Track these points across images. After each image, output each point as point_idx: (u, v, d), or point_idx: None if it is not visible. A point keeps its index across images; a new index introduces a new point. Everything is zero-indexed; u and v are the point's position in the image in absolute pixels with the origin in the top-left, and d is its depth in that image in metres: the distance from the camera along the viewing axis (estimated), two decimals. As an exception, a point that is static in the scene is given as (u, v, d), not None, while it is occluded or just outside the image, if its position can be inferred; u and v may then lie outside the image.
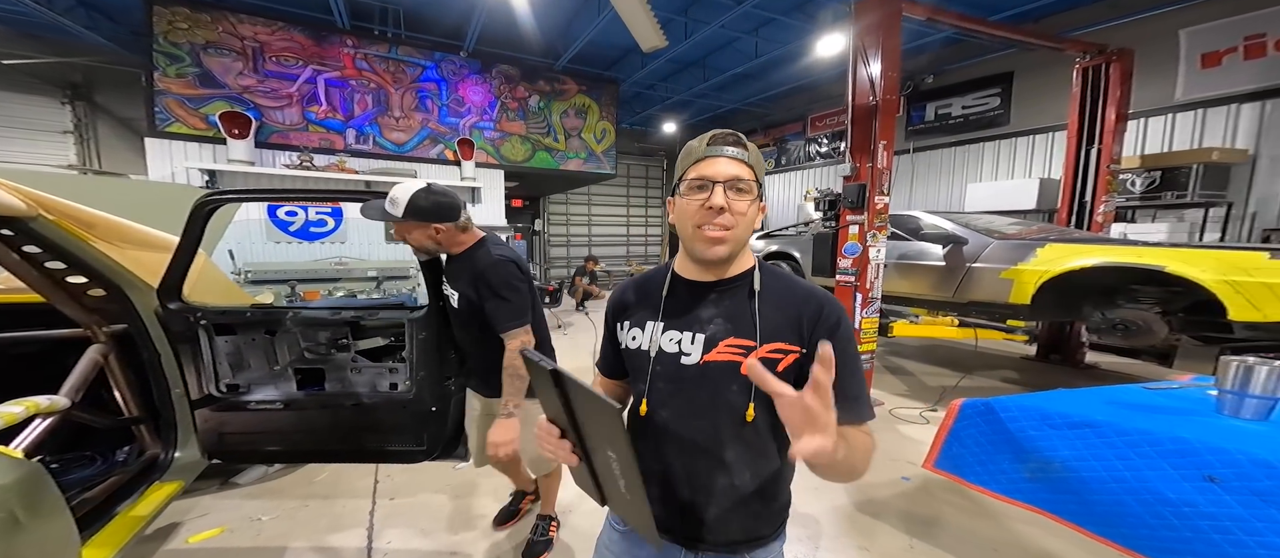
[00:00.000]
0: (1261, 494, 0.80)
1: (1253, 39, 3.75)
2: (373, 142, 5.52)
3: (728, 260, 0.67)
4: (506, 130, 6.18)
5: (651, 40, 4.08)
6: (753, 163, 0.65)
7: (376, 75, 5.47)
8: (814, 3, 4.43)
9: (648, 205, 11.27)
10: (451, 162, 5.89)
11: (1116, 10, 4.21)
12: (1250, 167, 3.82)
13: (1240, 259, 2.06)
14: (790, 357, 0.64)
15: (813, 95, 7.16)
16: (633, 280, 0.80)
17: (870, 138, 2.73)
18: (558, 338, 5.34)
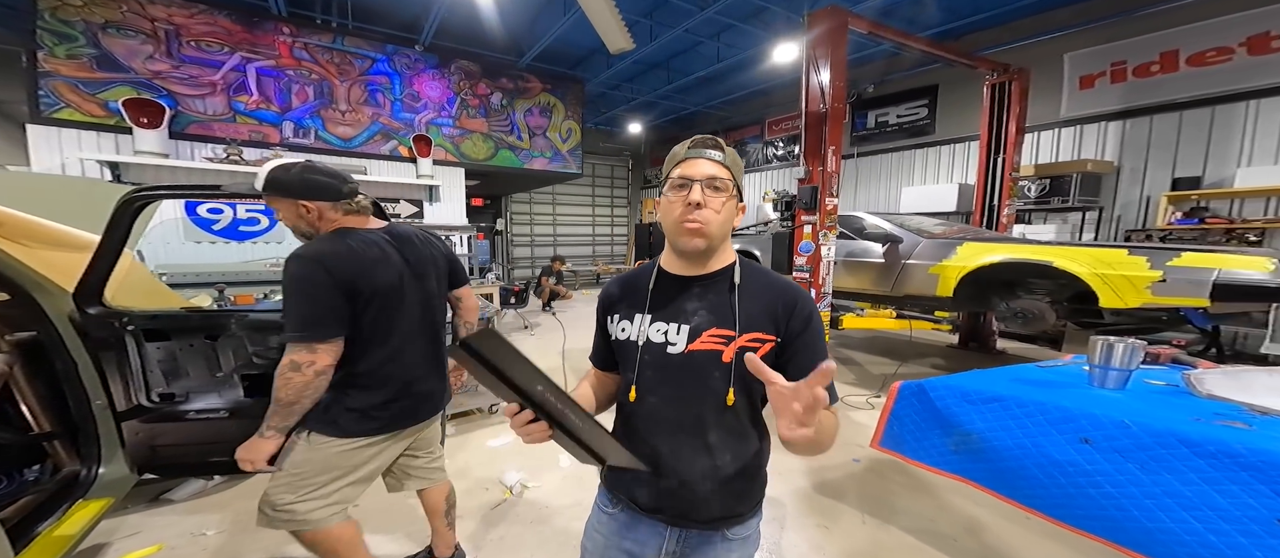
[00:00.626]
0: (1122, 451, 0.97)
1: (1117, 65, 4.47)
2: (315, 135, 5.10)
3: (707, 254, 0.72)
4: (467, 127, 5.95)
5: (618, 42, 4.11)
6: (729, 165, 0.71)
7: (319, 67, 5.05)
8: (770, 12, 4.66)
9: (613, 205, 11.28)
10: (407, 159, 5.58)
11: (1017, 33, 4.82)
12: (1115, 176, 4.58)
13: (1106, 255, 2.49)
14: (767, 345, 0.70)
15: (769, 100, 7.52)
16: (622, 276, 0.85)
17: (821, 143, 2.97)
18: (524, 339, 5.32)
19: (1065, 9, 4.52)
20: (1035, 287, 2.88)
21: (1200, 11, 3.92)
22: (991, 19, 4.70)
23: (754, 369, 0.56)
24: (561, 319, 6.53)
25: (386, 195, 5.31)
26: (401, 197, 5.48)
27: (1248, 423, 0.93)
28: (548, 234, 10.59)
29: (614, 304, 0.81)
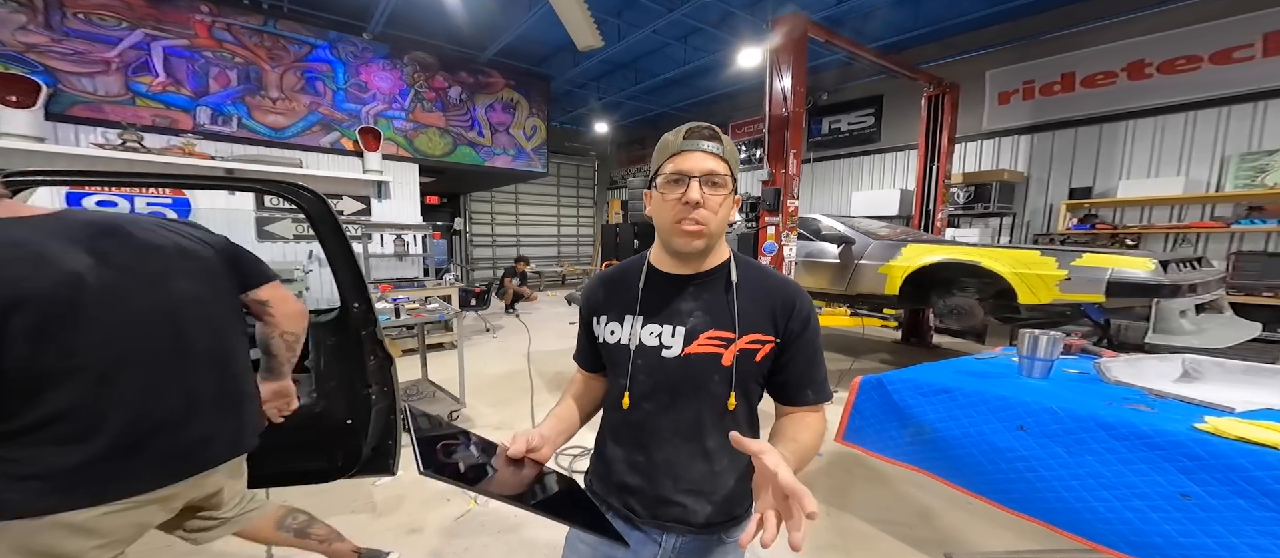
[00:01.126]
0: (1051, 436, 1.06)
1: (1028, 84, 5.06)
2: (238, 124, 4.54)
3: (704, 253, 0.69)
4: (422, 122, 5.57)
5: (587, 39, 4.03)
6: (727, 156, 0.66)
7: (246, 50, 4.50)
8: (736, 17, 4.78)
9: (579, 206, 11.10)
10: (351, 152, 5.13)
11: (951, 49, 5.30)
12: (1026, 185, 5.19)
13: (1023, 256, 2.81)
14: (767, 346, 0.68)
15: (734, 104, 7.73)
16: (606, 273, 0.79)
17: (784, 146, 3.10)
18: (486, 343, 5.11)
19: (990, 28, 5.01)
20: (966, 285, 3.19)
21: (1091, 38, 4.51)
22: (929, 34, 5.10)
23: (738, 445, 0.53)
24: (526, 321, 6.34)
25: (328, 190, 4.86)
26: (345, 192, 5.04)
27: (1150, 406, 1.08)
28: (510, 234, 10.24)
29: (600, 305, 0.77)
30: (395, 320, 2.75)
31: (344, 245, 1.38)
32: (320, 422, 1.39)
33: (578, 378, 0.84)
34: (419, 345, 3.45)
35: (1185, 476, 0.86)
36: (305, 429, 1.37)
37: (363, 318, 1.42)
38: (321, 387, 1.40)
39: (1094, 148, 4.69)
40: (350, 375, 1.43)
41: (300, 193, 1.35)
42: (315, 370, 1.41)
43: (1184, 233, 4.10)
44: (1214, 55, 3.93)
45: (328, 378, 1.40)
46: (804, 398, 0.70)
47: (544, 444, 0.67)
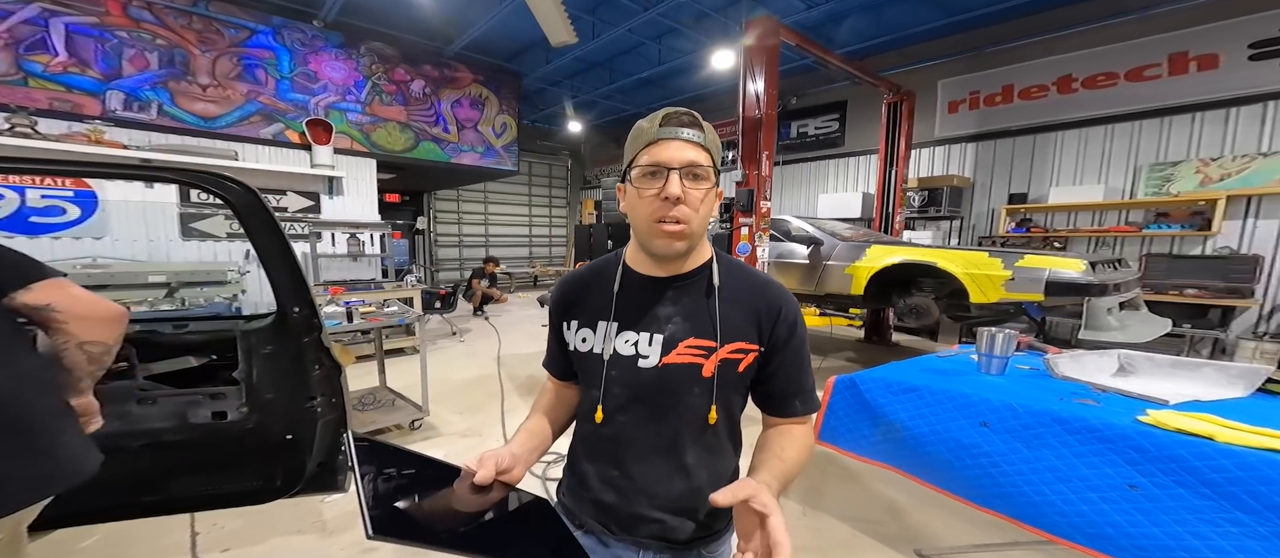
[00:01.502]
0: (1011, 432, 1.12)
1: (974, 94, 5.44)
2: (159, 111, 4.07)
3: (685, 254, 0.64)
4: (381, 115, 5.22)
5: (561, 35, 3.92)
6: (709, 145, 0.61)
7: (170, 31, 4.04)
8: (710, 19, 4.81)
9: (551, 206, 10.87)
10: (298, 145, 4.73)
11: (908, 58, 5.57)
12: (972, 190, 5.58)
13: (974, 257, 3.01)
14: (750, 355, 0.64)
15: (706, 106, 7.80)
16: (578, 273, 0.73)
17: (757, 148, 3.15)
18: (453, 347, 4.87)
19: (942, 40, 5.32)
20: (923, 285, 3.37)
21: (1027, 53, 4.89)
22: (890, 43, 5.35)
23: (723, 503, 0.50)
24: (495, 324, 6.11)
25: (268, 185, 4.46)
26: (290, 188, 4.65)
27: (1096, 400, 1.16)
28: (478, 234, 9.87)
29: (570, 309, 0.71)
30: (348, 326, 2.55)
31: (279, 243, 1.26)
32: (253, 438, 1.27)
33: (549, 387, 0.79)
34: (376, 351, 3.24)
35: (1132, 467, 0.93)
36: (234, 447, 1.25)
37: (304, 323, 1.31)
38: (253, 400, 1.27)
39: (1029, 156, 5.10)
40: (290, 386, 1.31)
41: (224, 184, 1.20)
42: (245, 382, 1.28)
43: (1103, 236, 4.54)
44: (1129, 73, 4.38)
45: (261, 390, 1.28)
46: (791, 409, 0.67)
47: (516, 465, 0.61)
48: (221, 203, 1.22)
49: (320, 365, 1.35)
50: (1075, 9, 4.45)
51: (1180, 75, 4.12)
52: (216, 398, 1.29)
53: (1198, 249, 4.03)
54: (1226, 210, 3.85)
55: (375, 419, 2.69)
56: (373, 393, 3.09)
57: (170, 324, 1.44)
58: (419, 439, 2.71)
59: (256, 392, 1.28)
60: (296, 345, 1.31)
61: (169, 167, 1.25)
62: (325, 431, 1.37)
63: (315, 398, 1.33)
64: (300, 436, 1.33)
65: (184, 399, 1.28)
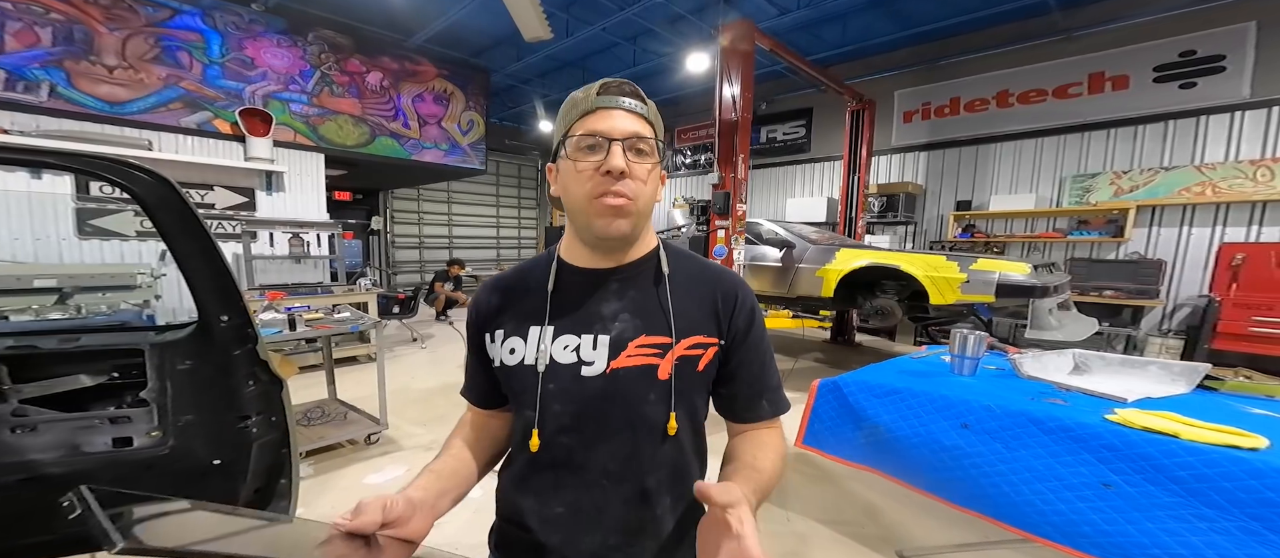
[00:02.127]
0: (990, 433, 1.14)
1: (925, 105, 5.81)
2: (52, 92, 3.51)
3: (629, 240, 0.56)
4: (329, 107, 4.80)
5: (535, 30, 3.76)
6: (652, 119, 0.55)
7: (68, 6, 3.49)
8: (686, 21, 4.81)
9: (521, 207, 10.54)
10: (229, 136, 4.24)
11: (871, 68, 5.87)
12: (924, 197, 5.97)
13: (932, 260, 3.19)
14: (710, 350, 0.56)
15: (679, 109, 7.84)
16: (501, 277, 0.63)
17: (733, 151, 3.16)
18: (413, 354, 4.55)
19: (899, 51, 5.64)
20: (887, 287, 3.54)
21: (971, 68, 5.29)
22: (853, 53, 5.61)
23: (703, 497, 0.43)
24: (460, 329, 5.80)
25: (190, 179, 3.97)
26: (218, 182, 4.16)
27: (1064, 399, 1.22)
28: (441, 235, 9.39)
29: (493, 317, 0.60)
30: (290, 333, 2.29)
31: (201, 243, 1.09)
32: (168, 465, 1.11)
33: (466, 419, 0.67)
34: (325, 361, 2.95)
35: (1105, 466, 0.98)
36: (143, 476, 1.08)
37: (234, 334, 1.16)
38: (168, 422, 1.11)
39: (973, 165, 5.52)
40: (215, 405, 1.16)
41: (130, 174, 1.02)
42: (156, 403, 1.11)
43: (1035, 241, 4.98)
44: (1055, 90, 4.83)
45: (178, 411, 1.12)
46: (758, 411, 0.59)
47: (413, 514, 0.47)
48: (128, 196, 1.03)
49: (255, 380, 1.21)
50: (1013, 27, 4.85)
51: (1098, 94, 4.60)
52: (119, 422, 1.10)
53: (1113, 254, 4.51)
54: (1135, 219, 4.33)
55: (324, 434, 2.45)
56: (321, 406, 2.82)
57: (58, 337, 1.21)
58: (377, 455, 2.49)
59: (172, 413, 1.12)
60: (223, 359, 1.16)
61: (57, 151, 1.04)
62: (263, 452, 1.23)
63: (249, 417, 1.19)
64: (231, 459, 1.18)
65: (75, 424, 1.08)
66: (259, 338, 1.20)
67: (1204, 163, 4.07)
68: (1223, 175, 3.94)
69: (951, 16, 4.68)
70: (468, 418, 0.67)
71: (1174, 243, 4.24)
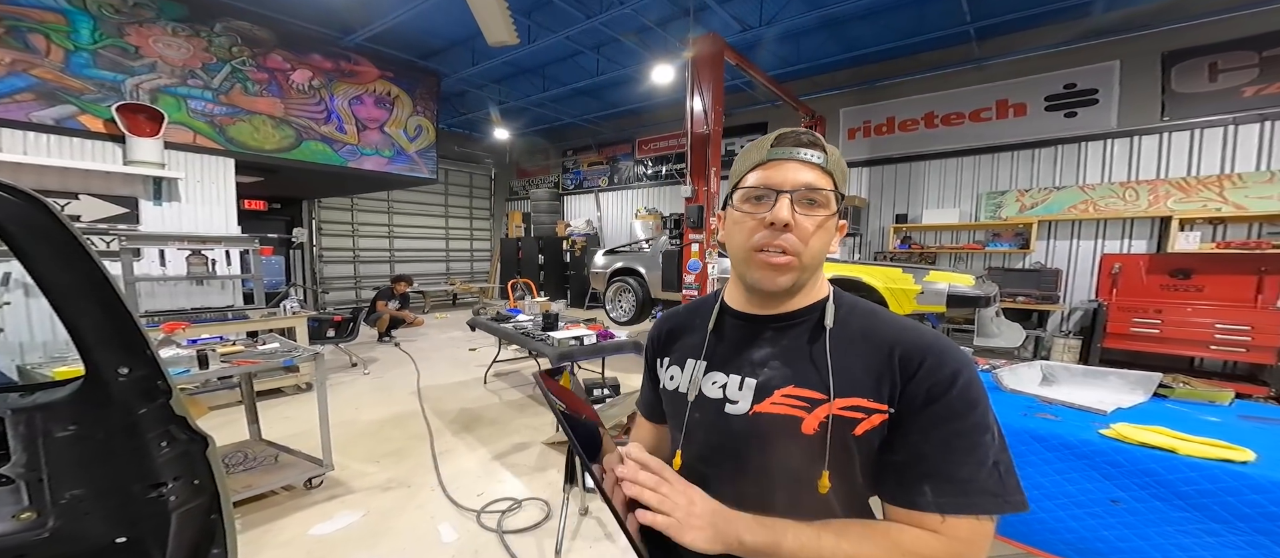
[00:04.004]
0: None
1: (867, 123, 6.33)
2: None
3: (791, 291, 0.55)
4: (242, 106, 4.13)
5: (501, 34, 3.51)
6: (832, 169, 0.54)
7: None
8: (652, 33, 4.80)
9: (473, 217, 9.94)
10: (103, 135, 3.49)
11: (818, 86, 6.25)
12: (867, 210, 6.46)
13: (891, 272, 3.41)
14: (875, 418, 0.49)
15: (641, 119, 7.82)
16: (676, 310, 0.70)
17: (705, 164, 3.16)
18: (355, 381, 4.00)
19: (844, 71, 6.07)
20: (850, 298, 3.72)
21: (904, 90, 5.84)
22: (804, 70, 5.92)
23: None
24: (410, 350, 5.25)
25: (46, 185, 3.21)
26: (85, 189, 3.40)
27: (1054, 414, 1.29)
28: (380, 248, 8.58)
29: (664, 346, 0.67)
30: (201, 372, 1.88)
31: (87, 277, 0.84)
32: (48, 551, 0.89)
33: (641, 424, 0.74)
34: (244, 397, 2.49)
35: (1110, 482, 1.03)
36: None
37: (138, 389, 0.93)
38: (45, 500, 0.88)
39: (908, 181, 6.08)
40: (117, 475, 0.94)
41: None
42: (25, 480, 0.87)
43: (960, 252, 5.57)
44: (972, 114, 5.47)
45: (63, 485, 0.89)
46: (914, 497, 0.47)
47: None
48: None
49: (170, 441, 0.96)
50: (938, 53, 5.42)
51: (1004, 119, 5.27)
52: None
53: (1020, 264, 5.15)
54: (1037, 232, 4.98)
55: (250, 483, 2.05)
56: (242, 450, 2.37)
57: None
58: (322, 499, 2.13)
59: (51, 489, 0.89)
60: (125, 419, 0.93)
61: None
62: (186, 522, 1.04)
63: (165, 484, 0.99)
64: (141, 535, 0.98)
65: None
66: (174, 390, 0.95)
67: (1085, 183, 4.80)
68: (1100, 195, 4.67)
69: (888, 41, 5.12)
70: (642, 424, 0.73)
71: (1067, 254, 4.94)
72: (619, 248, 5.74)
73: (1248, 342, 3.28)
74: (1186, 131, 4.21)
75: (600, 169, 8.85)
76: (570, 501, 1.86)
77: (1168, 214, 4.18)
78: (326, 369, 2.24)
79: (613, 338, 2.77)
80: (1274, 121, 3.81)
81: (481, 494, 2.15)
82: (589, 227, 8.70)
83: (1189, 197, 4.14)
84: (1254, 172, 3.90)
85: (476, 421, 3.08)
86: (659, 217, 7.19)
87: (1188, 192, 4.15)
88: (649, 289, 4.79)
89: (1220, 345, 3.42)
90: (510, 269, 8.57)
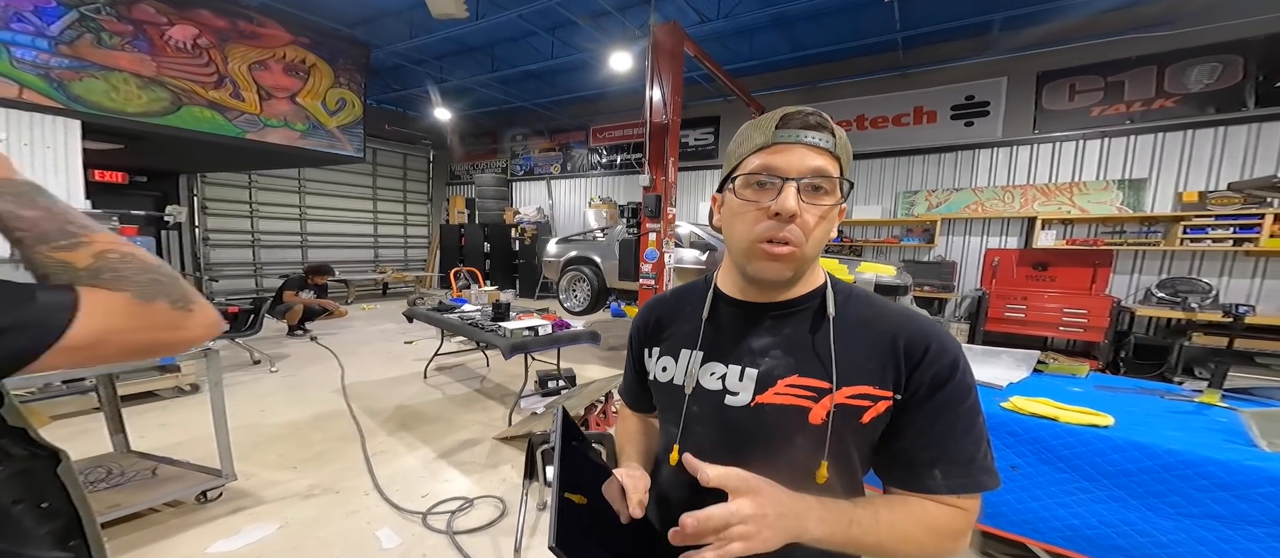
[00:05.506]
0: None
1: None
2: None
3: (791, 281, 0.53)
4: (96, 60, 3.28)
5: (445, 6, 3.10)
6: (840, 153, 0.50)
7: None
8: (610, 17, 4.61)
9: (406, 201, 9.02)
10: None
11: (767, 84, 6.47)
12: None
13: (829, 263, 3.70)
14: (880, 405, 0.50)
15: (597, 107, 7.53)
16: (663, 296, 0.67)
17: (663, 154, 3.14)
18: (261, 380, 3.50)
19: (791, 70, 6.36)
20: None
21: (841, 92, 6.27)
22: (754, 68, 6.10)
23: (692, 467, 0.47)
24: (331, 344, 4.67)
25: None
26: None
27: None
28: (288, 232, 7.49)
29: (653, 335, 0.64)
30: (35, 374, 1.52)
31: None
32: None
33: (628, 415, 0.71)
34: (103, 403, 2.07)
35: (1010, 450, 1.21)
36: None
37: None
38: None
39: (840, 179, 6.59)
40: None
41: None
42: None
43: (881, 246, 6.21)
44: (894, 118, 6.05)
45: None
46: (927, 482, 0.49)
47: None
48: None
49: (5, 459, 0.75)
50: (870, 59, 5.88)
51: (919, 125, 5.90)
52: None
53: (926, 257, 5.88)
54: (940, 229, 5.71)
55: (119, 502, 1.72)
56: (102, 465, 1.97)
57: None
58: (224, 514, 1.84)
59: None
60: None
61: None
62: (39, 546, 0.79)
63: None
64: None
65: None
66: (6, 397, 0.74)
67: (976, 186, 5.57)
68: (987, 197, 5.46)
69: (830, 43, 5.45)
70: (627, 413, 0.71)
71: (960, 248, 5.72)
72: (573, 236, 5.57)
73: (1085, 323, 4.08)
74: (1050, 144, 5.04)
75: (552, 155, 8.47)
76: (529, 496, 1.80)
77: (1033, 215, 5.00)
78: (221, 367, 1.91)
79: (569, 328, 2.69)
80: (1111, 138, 4.69)
81: (427, 495, 2.00)
82: (540, 214, 8.35)
83: (1049, 200, 4.98)
84: (1094, 181, 4.80)
85: (416, 418, 2.84)
86: (614, 206, 7.08)
87: (1048, 196, 5.00)
88: (605, 279, 4.73)
89: (1066, 327, 4.21)
90: (452, 257, 7.97)
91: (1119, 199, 4.58)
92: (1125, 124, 4.55)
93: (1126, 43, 4.36)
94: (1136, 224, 4.49)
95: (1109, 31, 4.34)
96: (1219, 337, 3.52)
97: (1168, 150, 4.41)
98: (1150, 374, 3.49)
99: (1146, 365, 3.69)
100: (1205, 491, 0.95)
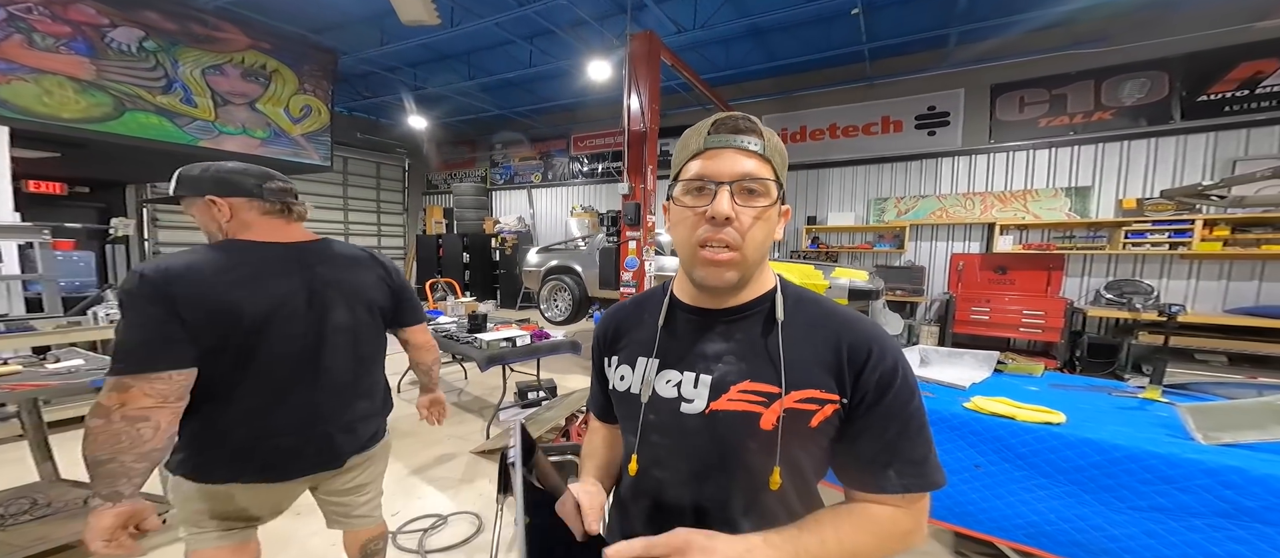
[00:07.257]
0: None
1: (784, 130, 6.81)
2: None
3: (738, 285, 0.54)
4: (25, 63, 3.07)
5: (416, 12, 3.02)
6: (770, 155, 0.52)
7: None
8: (588, 27, 4.62)
9: (380, 211, 8.77)
10: None
11: (745, 92, 6.67)
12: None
13: (805, 269, 3.78)
14: (827, 408, 0.51)
15: (576, 115, 7.51)
16: (622, 305, 0.67)
17: (642, 161, 3.15)
18: None
19: (766, 80, 6.53)
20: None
21: (814, 101, 6.48)
22: (731, 77, 6.23)
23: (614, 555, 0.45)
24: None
25: None
26: None
27: (930, 392, 1.52)
28: (247, 241, 7.14)
29: (611, 344, 0.65)
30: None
31: None
32: None
33: (597, 426, 0.72)
34: (28, 430, 1.89)
35: (974, 450, 1.24)
36: None
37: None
38: None
39: (816, 185, 6.79)
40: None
41: None
42: None
43: (855, 252, 6.40)
44: (864, 127, 6.28)
45: None
46: (882, 482, 0.51)
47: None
48: None
49: None
50: (840, 69, 6.10)
51: (886, 134, 6.14)
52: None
53: (898, 262, 6.09)
54: (910, 235, 5.93)
55: (46, 535, 1.58)
56: (28, 495, 1.80)
57: None
58: (166, 541, 1.69)
59: None
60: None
61: None
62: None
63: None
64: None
65: None
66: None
67: (941, 193, 5.82)
68: (950, 203, 5.71)
69: (802, 53, 5.63)
70: (596, 425, 0.71)
71: (928, 253, 5.96)
72: (554, 246, 5.52)
73: (1042, 324, 4.30)
74: (1004, 153, 5.33)
75: (533, 164, 8.39)
76: (504, 511, 1.73)
77: (993, 221, 5.26)
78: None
79: (548, 338, 2.63)
80: (1057, 148, 5.01)
81: (397, 514, 1.91)
82: (521, 224, 8.22)
83: (1006, 207, 5.26)
84: (1045, 188, 5.09)
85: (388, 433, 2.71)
86: (595, 214, 7.05)
87: (1005, 203, 5.27)
88: (586, 287, 4.69)
89: (1026, 327, 4.42)
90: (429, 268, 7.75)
91: (1067, 206, 4.88)
92: (1069, 135, 4.87)
93: (1066, 58, 4.68)
94: (1084, 229, 4.79)
95: (1051, 47, 4.65)
96: (1158, 335, 3.78)
97: (1108, 160, 4.74)
98: (1103, 372, 3.70)
99: (1100, 364, 3.91)
100: (1150, 483, 1.00)
